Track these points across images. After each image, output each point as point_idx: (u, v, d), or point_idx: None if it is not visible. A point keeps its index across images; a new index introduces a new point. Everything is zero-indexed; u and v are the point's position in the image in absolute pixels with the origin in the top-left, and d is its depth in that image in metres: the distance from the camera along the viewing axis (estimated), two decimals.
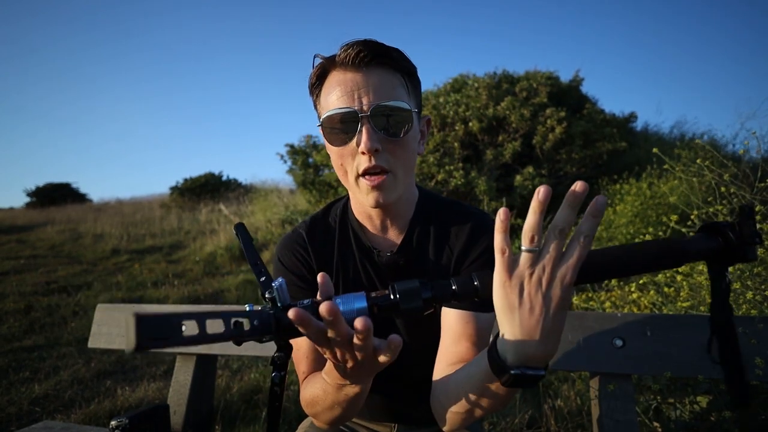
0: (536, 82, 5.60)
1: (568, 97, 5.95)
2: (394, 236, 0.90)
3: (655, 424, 1.49)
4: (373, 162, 0.75)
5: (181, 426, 1.55)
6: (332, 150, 0.79)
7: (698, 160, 1.91)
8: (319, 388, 0.73)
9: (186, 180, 12.39)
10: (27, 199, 16.54)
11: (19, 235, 8.95)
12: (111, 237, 8.17)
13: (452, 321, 0.82)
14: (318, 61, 0.80)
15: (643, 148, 5.98)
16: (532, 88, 5.56)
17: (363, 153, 0.75)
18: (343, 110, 0.74)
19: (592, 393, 1.32)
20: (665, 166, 2.22)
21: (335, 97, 0.76)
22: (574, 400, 2.14)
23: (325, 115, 0.77)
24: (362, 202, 0.82)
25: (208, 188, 11.91)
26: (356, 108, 0.74)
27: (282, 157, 6.80)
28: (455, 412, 0.71)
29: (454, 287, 0.56)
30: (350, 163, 0.78)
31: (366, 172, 0.77)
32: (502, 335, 0.55)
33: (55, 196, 15.88)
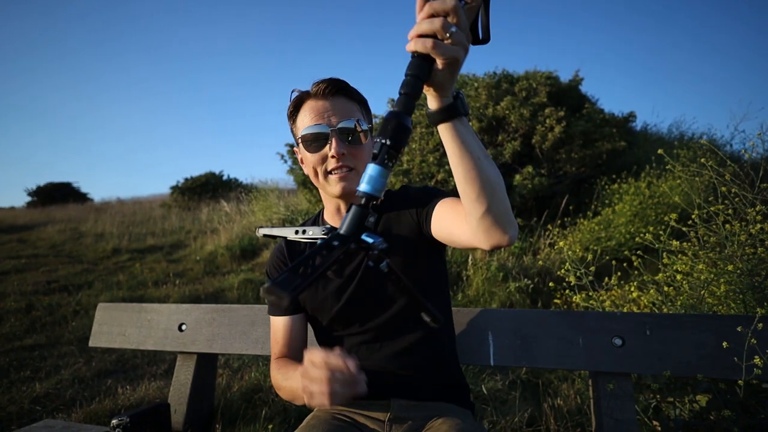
0: (536, 82, 5.58)
1: (568, 96, 5.94)
2: None
3: (655, 423, 1.49)
4: (340, 163, 1.00)
5: (182, 425, 1.56)
6: (308, 157, 1.04)
7: (702, 159, 1.91)
8: (281, 379, 1.01)
9: (187, 179, 12.37)
10: (28, 199, 16.57)
11: (20, 235, 8.96)
12: (112, 236, 8.17)
13: (445, 207, 0.94)
14: (295, 94, 1.06)
15: (642, 148, 5.97)
16: (531, 87, 5.55)
17: (333, 156, 1.00)
18: (318, 126, 1.01)
19: (591, 392, 1.32)
20: (668, 166, 2.23)
21: (310, 118, 1.02)
22: (574, 398, 2.14)
23: (303, 130, 1.02)
24: (332, 194, 1.04)
25: (209, 188, 11.89)
26: (327, 125, 1.00)
27: (282, 156, 6.81)
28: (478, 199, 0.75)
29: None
30: (321, 165, 1.03)
31: (334, 170, 1.01)
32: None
33: (56, 195, 15.91)
